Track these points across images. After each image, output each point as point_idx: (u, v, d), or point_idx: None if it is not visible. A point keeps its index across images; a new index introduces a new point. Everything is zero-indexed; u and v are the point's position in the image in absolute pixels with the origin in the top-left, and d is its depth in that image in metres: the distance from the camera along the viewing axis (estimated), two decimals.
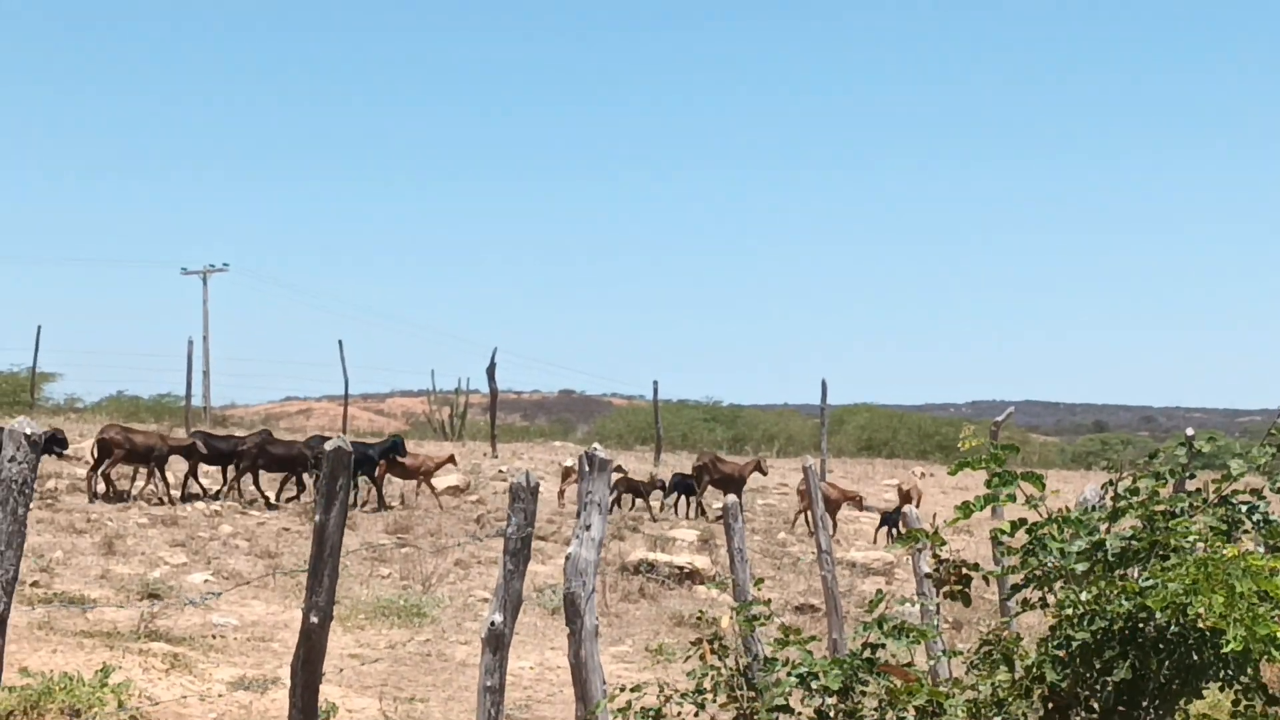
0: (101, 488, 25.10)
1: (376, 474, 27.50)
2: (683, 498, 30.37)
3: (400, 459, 27.90)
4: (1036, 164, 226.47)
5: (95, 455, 25.33)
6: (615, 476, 30.20)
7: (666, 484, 30.33)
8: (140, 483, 26.08)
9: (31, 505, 6.68)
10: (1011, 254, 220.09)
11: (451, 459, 30.26)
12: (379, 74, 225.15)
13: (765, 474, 31.91)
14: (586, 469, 8.45)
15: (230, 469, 26.89)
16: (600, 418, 72.75)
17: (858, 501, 30.19)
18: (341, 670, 14.51)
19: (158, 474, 26.08)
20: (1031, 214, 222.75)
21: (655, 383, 44.71)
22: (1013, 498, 6.22)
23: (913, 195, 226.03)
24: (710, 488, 30.17)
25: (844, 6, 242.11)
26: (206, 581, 19.15)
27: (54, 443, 25.11)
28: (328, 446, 7.66)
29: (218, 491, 26.58)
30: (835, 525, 29.51)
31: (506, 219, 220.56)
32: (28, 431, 6.48)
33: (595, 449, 8.51)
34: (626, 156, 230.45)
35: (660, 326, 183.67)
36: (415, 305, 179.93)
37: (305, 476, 26.74)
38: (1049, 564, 6.18)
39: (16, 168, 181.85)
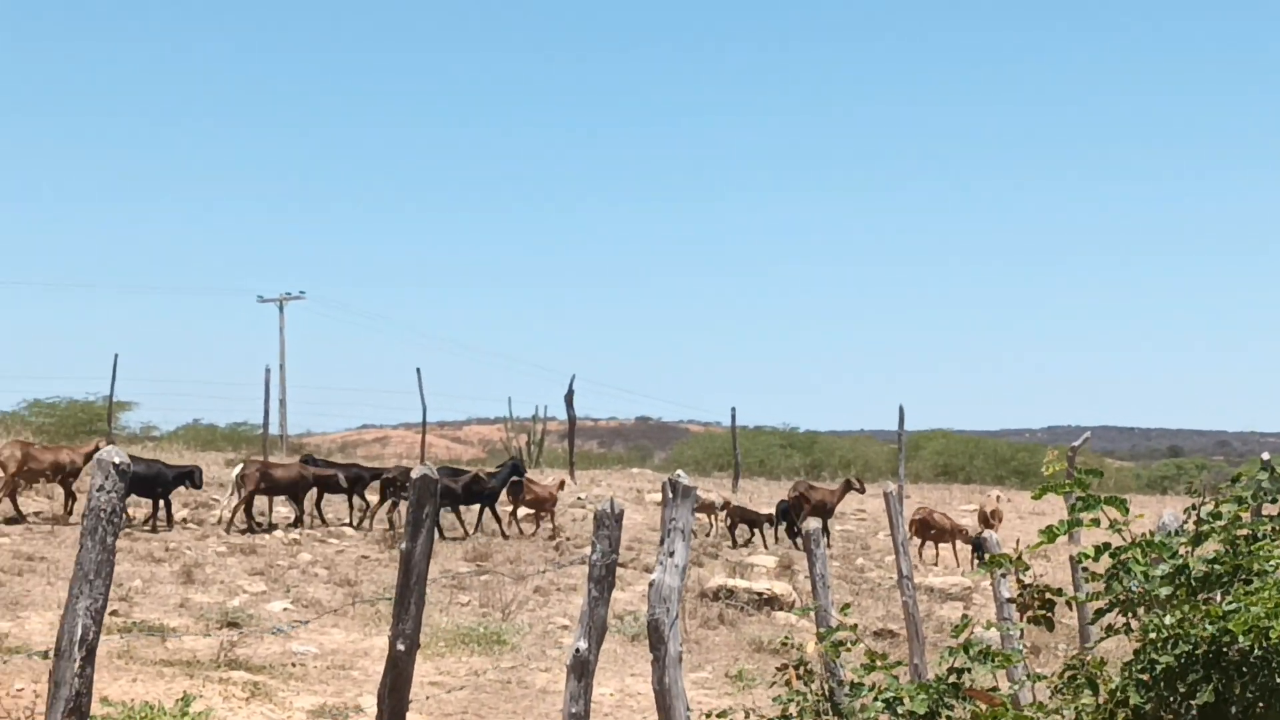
0: (246, 518, 25.98)
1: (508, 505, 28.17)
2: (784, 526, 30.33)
3: (532, 486, 28.15)
4: (1112, 186, 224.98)
5: (237, 488, 26.01)
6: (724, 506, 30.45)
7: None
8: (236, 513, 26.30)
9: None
10: (1087, 278, 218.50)
11: (563, 484, 30.53)
12: (456, 100, 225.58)
13: (862, 490, 31.64)
14: (670, 495, 8.48)
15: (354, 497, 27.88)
16: (677, 444, 72.70)
17: (965, 535, 29.98)
18: (426, 698, 14.58)
19: (299, 505, 27.02)
20: (1107, 238, 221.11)
21: (733, 409, 44.72)
22: (1096, 522, 6.23)
23: (989, 219, 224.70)
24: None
25: (921, 17, 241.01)
26: (286, 610, 19.27)
27: (186, 478, 26.16)
28: (414, 474, 7.74)
29: (360, 520, 27.52)
30: (941, 554, 29.63)
31: (583, 246, 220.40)
32: (116, 461, 6.54)
33: (679, 475, 8.54)
34: (704, 181, 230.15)
35: (737, 353, 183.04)
36: (492, 333, 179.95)
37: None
38: (1133, 588, 6.20)
39: (94, 197, 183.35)
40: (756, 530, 29.90)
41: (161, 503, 25.50)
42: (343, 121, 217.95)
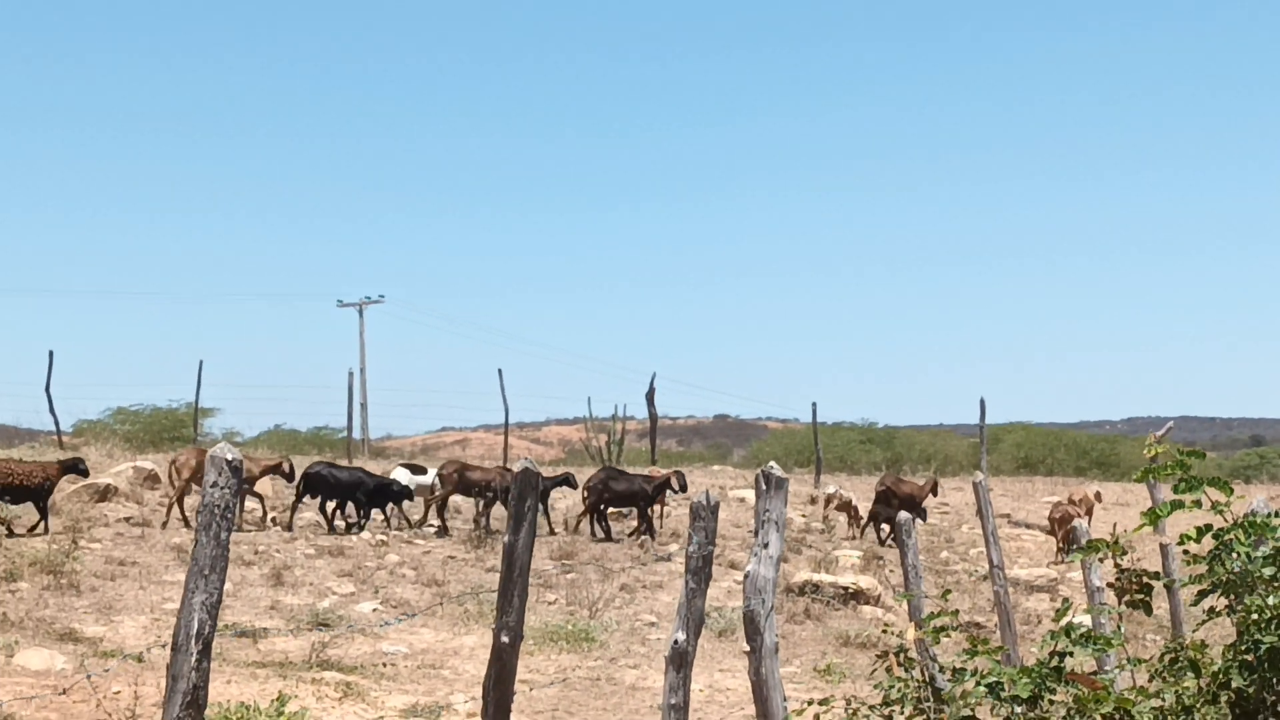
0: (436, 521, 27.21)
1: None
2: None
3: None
4: (1188, 175, 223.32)
5: (433, 491, 27.25)
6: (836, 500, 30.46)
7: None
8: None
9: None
10: (1166, 267, 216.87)
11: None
12: (532, 103, 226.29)
13: (937, 495, 31.61)
14: (764, 487, 8.51)
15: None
16: (756, 441, 72.56)
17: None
18: (516, 696, 14.65)
19: (488, 506, 27.40)
20: (1183, 227, 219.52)
21: (814, 404, 44.76)
22: (1198, 504, 6.23)
23: (1067, 211, 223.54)
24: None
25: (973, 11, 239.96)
26: (375, 610, 19.40)
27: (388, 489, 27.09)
28: (516, 468, 7.81)
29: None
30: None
31: (661, 244, 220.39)
32: (229, 458, 6.65)
33: (771, 467, 8.58)
34: (781, 178, 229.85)
35: (816, 348, 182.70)
36: (571, 333, 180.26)
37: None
38: (1235, 570, 6.19)
39: (176, 209, 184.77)
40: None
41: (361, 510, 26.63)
42: (420, 126, 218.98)
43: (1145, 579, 6.82)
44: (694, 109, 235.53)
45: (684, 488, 28.78)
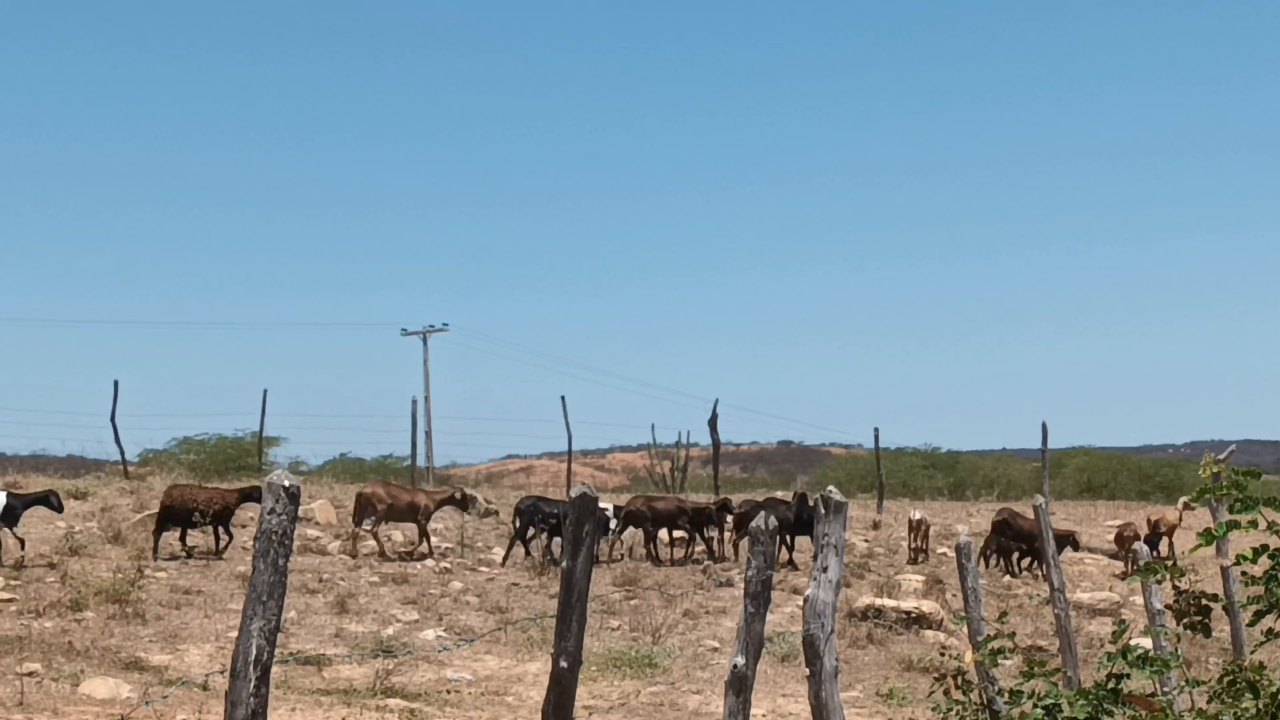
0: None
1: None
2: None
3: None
4: (1250, 197, 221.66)
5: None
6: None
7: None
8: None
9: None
10: (1230, 289, 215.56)
11: None
12: (597, 134, 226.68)
13: (1077, 549, 31.25)
14: (823, 511, 8.54)
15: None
16: (820, 467, 72.27)
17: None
18: None
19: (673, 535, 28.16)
20: (1250, 250, 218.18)
21: (876, 430, 44.57)
22: (1254, 524, 6.22)
23: (1129, 235, 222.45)
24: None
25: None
26: (439, 637, 19.47)
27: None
28: (573, 493, 7.87)
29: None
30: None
31: (722, 272, 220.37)
32: (286, 484, 6.69)
33: (830, 491, 8.60)
34: (839, 205, 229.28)
35: (878, 374, 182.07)
36: (634, 360, 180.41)
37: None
38: None
39: (241, 238, 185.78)
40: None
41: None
42: (484, 155, 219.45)
43: (1204, 601, 6.82)
44: (755, 135, 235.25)
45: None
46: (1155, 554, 27.18)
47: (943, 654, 8.44)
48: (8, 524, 23.09)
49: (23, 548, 22.92)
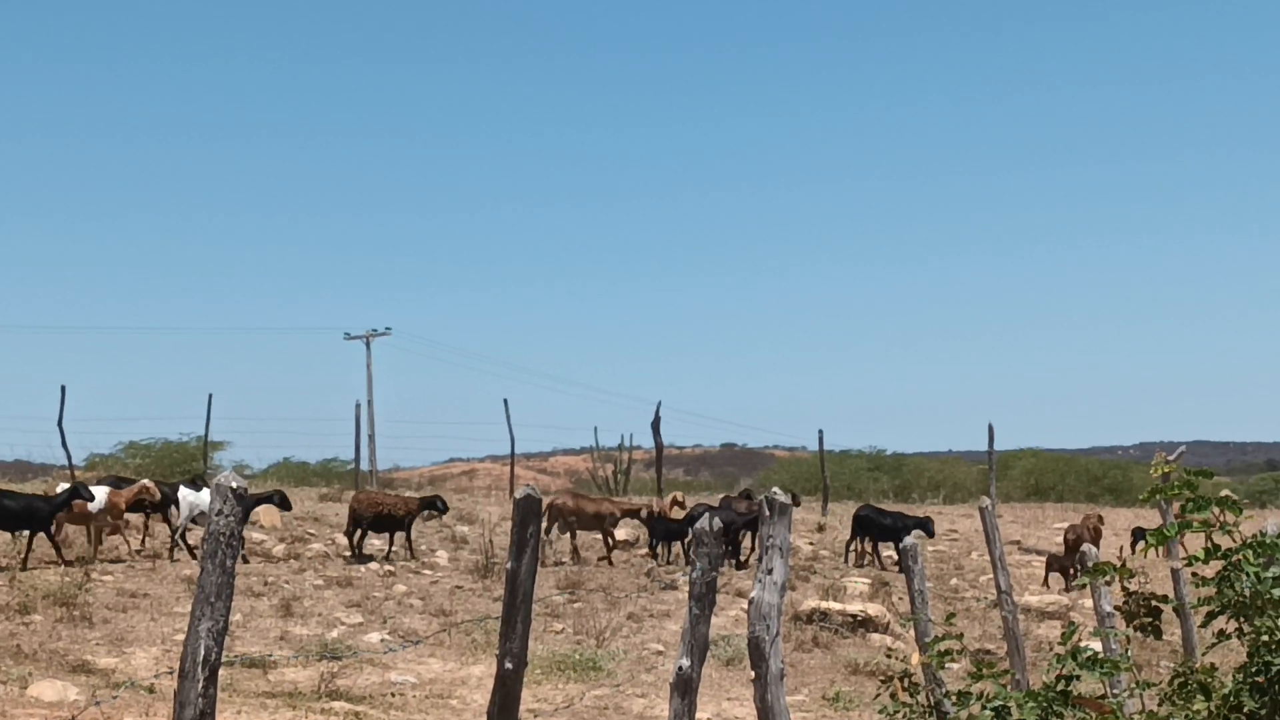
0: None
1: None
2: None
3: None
4: (1201, 195, 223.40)
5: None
6: None
7: None
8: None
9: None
10: (1178, 290, 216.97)
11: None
12: (533, 139, 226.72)
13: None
14: (767, 513, 8.45)
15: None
16: (763, 470, 72.37)
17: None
18: None
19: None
20: (1200, 250, 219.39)
21: (820, 432, 44.52)
22: (1206, 524, 6.14)
23: (1075, 237, 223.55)
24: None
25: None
26: (383, 640, 19.37)
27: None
28: (517, 495, 7.76)
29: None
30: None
31: (664, 275, 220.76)
32: (234, 485, 6.64)
33: (775, 492, 8.51)
34: (780, 209, 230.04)
35: (822, 376, 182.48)
36: (576, 363, 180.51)
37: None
38: (1244, 591, 6.10)
39: (184, 243, 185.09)
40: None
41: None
42: (426, 160, 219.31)
43: (1154, 602, 6.75)
44: (695, 133, 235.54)
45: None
46: (1076, 569, 27.18)
47: (889, 656, 8.34)
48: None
49: (242, 544, 23.69)
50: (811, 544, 31.59)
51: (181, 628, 18.52)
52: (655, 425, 43.72)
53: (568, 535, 28.14)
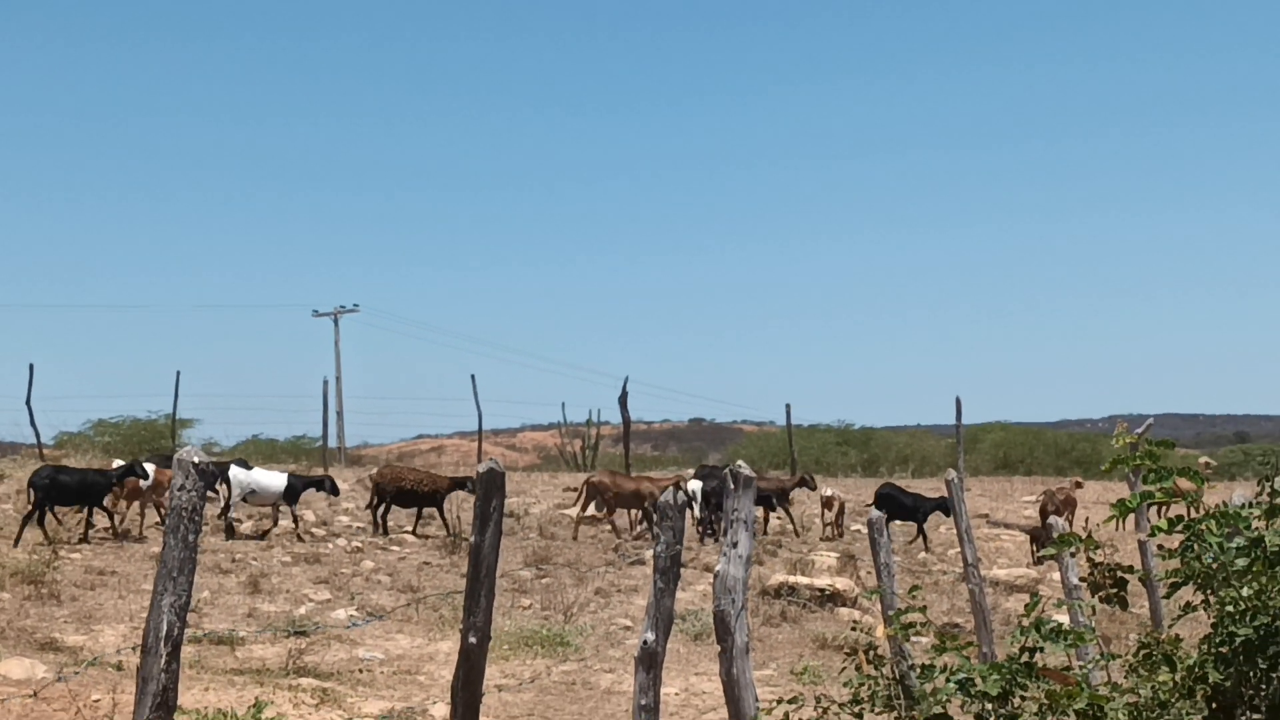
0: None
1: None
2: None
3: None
4: (1167, 173, 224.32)
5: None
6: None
7: None
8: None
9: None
10: (1147, 263, 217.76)
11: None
12: (503, 115, 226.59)
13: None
14: (732, 486, 8.42)
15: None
16: (732, 445, 72.33)
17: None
18: (488, 700, 14.54)
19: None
20: (1167, 222, 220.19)
21: (788, 406, 44.58)
22: (1169, 494, 6.12)
23: (1042, 209, 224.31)
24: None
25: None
26: (350, 617, 19.32)
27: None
28: (480, 469, 7.72)
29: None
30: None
31: (632, 249, 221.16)
32: (196, 461, 6.61)
33: (739, 466, 8.49)
34: (751, 180, 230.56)
35: (790, 351, 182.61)
36: (545, 339, 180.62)
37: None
38: (1208, 561, 6.09)
39: (152, 221, 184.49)
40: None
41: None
42: (393, 136, 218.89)
43: (1119, 573, 6.72)
44: (663, 109, 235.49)
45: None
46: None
47: (854, 629, 8.31)
48: (289, 502, 26.43)
49: (298, 525, 26.37)
50: (779, 518, 31.52)
51: (149, 604, 18.51)
52: (623, 400, 43.67)
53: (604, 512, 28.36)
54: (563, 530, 28.20)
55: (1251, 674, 5.89)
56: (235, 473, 25.90)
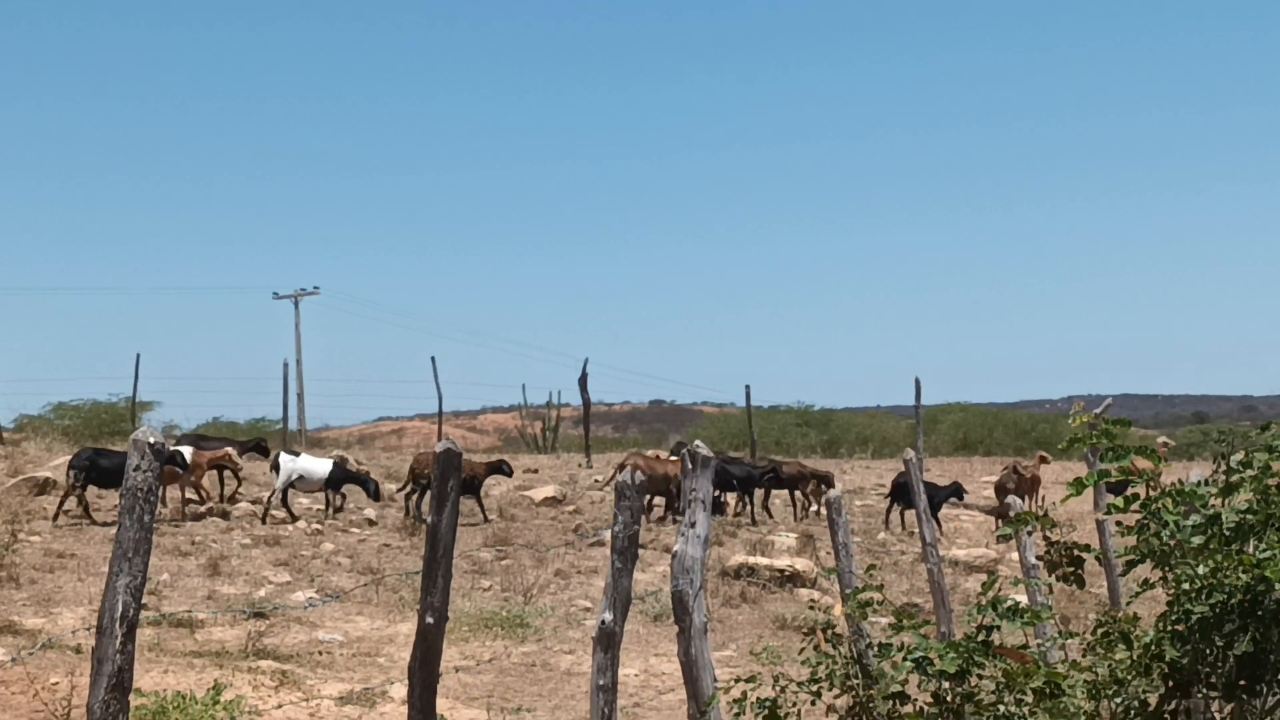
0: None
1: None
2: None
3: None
4: (1127, 154, 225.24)
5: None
6: None
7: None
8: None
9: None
10: (1105, 245, 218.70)
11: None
12: (464, 97, 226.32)
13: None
14: (689, 466, 8.43)
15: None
16: (692, 426, 72.35)
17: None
18: (447, 681, 14.54)
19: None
20: (1126, 204, 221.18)
21: (748, 388, 44.65)
22: (1125, 473, 6.14)
23: (1004, 191, 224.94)
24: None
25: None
26: (310, 599, 19.28)
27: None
28: (438, 449, 7.71)
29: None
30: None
31: (591, 231, 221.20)
32: (151, 441, 6.59)
33: (698, 445, 8.49)
34: (710, 163, 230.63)
35: (749, 332, 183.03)
36: (504, 321, 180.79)
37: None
38: (1165, 538, 6.10)
39: (111, 203, 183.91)
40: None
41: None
42: (351, 118, 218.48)
43: (1076, 551, 6.74)
44: (622, 94, 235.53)
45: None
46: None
47: (812, 608, 8.36)
48: (333, 489, 27.42)
49: (340, 510, 27.40)
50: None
51: None
52: (583, 382, 43.63)
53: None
54: (522, 512, 28.18)
55: (1208, 651, 5.90)
56: (284, 459, 26.38)
